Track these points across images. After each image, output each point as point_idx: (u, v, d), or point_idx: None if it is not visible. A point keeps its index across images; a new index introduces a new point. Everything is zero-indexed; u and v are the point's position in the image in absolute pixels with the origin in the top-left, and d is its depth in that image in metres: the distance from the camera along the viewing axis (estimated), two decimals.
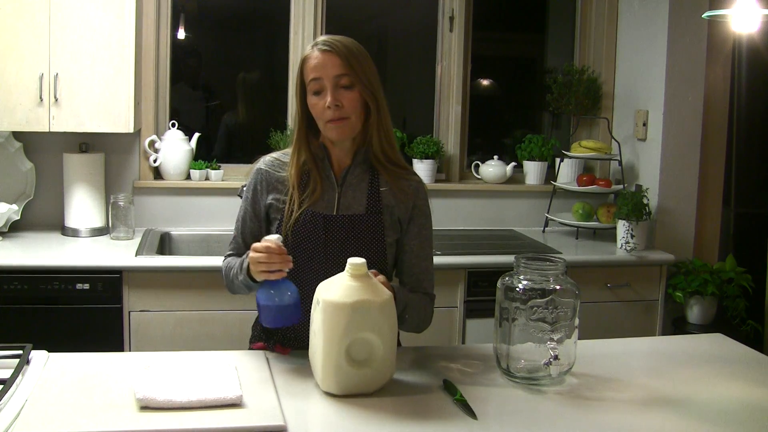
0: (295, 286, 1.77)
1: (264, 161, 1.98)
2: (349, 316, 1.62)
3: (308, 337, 1.95)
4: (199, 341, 2.89)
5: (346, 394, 1.66)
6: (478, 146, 3.95)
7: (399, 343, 2.12)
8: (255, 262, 1.75)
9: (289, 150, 1.96)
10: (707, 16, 2.27)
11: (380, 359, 1.67)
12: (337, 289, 1.65)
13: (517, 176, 3.86)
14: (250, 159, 2.07)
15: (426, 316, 1.98)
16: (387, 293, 1.67)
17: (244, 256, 1.85)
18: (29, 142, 3.34)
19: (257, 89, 3.83)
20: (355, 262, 1.65)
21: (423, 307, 1.96)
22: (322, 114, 1.85)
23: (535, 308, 1.73)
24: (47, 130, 3.04)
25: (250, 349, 2.04)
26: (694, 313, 3.35)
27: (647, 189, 3.42)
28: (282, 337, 1.97)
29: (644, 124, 3.56)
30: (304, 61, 1.87)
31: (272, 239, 1.75)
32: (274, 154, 1.99)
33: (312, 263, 1.88)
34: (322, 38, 1.87)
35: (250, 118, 3.84)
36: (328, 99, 1.82)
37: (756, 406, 1.71)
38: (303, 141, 1.92)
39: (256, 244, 1.76)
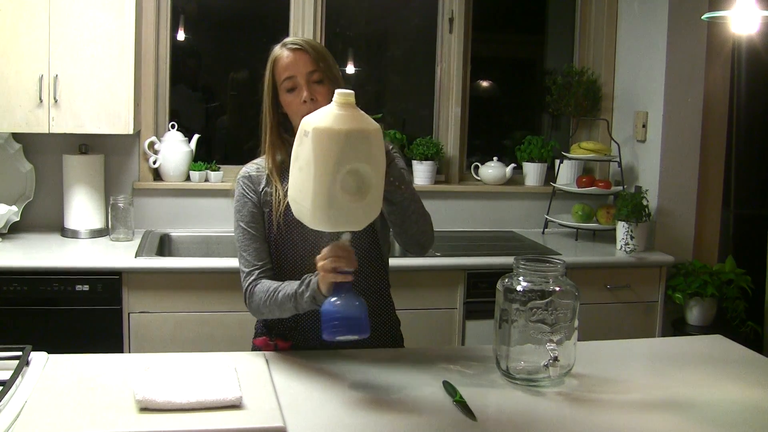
0: (362, 299, 1.71)
1: (245, 168, 2.02)
2: (343, 144, 1.57)
3: (308, 331, 1.96)
4: (198, 342, 2.89)
5: (338, 230, 1.68)
6: (478, 148, 3.94)
7: (402, 344, 2.12)
8: (322, 260, 1.72)
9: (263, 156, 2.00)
10: (707, 18, 2.27)
11: (373, 191, 1.63)
12: (327, 118, 1.60)
13: (517, 177, 3.86)
14: (250, 160, 2.07)
15: (422, 208, 1.90)
16: (376, 123, 1.64)
17: (305, 276, 1.82)
18: (29, 143, 3.34)
19: (255, 90, 3.82)
20: (342, 91, 1.62)
21: (418, 200, 1.89)
22: (298, 110, 1.89)
23: (534, 310, 1.74)
24: (47, 132, 3.04)
25: (252, 344, 2.06)
26: (694, 314, 3.35)
27: (647, 190, 3.42)
28: (283, 330, 1.99)
29: (644, 126, 3.57)
30: (275, 61, 1.93)
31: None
32: (253, 161, 2.03)
33: (306, 245, 1.90)
34: (289, 39, 1.95)
35: (249, 119, 3.84)
36: (304, 94, 1.88)
37: (755, 407, 1.71)
38: (277, 139, 1.97)
39: (323, 249, 1.74)
